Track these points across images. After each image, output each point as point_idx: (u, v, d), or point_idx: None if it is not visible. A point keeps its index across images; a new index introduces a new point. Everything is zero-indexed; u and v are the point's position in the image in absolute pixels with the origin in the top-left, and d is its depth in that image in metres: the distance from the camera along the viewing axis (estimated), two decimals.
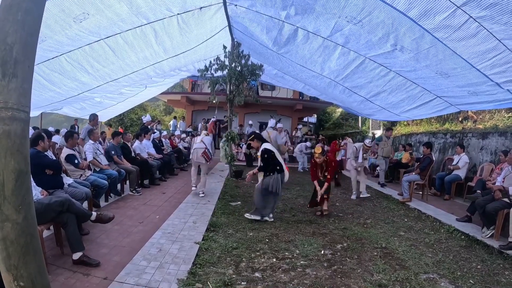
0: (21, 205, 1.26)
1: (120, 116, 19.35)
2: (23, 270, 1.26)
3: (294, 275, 3.47)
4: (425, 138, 10.55)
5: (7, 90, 1.27)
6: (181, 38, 6.37)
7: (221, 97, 9.85)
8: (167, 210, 5.59)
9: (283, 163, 5.44)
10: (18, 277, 1.25)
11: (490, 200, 4.96)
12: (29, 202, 1.32)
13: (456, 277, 3.60)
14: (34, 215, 1.35)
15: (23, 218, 1.26)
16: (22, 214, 1.26)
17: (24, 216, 1.27)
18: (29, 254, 1.28)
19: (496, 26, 3.34)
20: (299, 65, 7.18)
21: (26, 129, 1.36)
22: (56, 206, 3.30)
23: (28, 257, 1.28)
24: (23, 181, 1.30)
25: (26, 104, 1.33)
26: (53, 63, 5.40)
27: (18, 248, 1.24)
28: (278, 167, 5.29)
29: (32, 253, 1.30)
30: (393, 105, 7.57)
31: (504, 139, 7.32)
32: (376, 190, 8.65)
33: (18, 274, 1.25)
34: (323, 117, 25.15)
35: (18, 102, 1.29)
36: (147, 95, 11.18)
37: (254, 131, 7.27)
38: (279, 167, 5.29)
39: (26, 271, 1.27)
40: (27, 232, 1.28)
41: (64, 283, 2.91)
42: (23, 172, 1.31)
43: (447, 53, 4.23)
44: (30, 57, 1.36)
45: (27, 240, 1.28)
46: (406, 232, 5.20)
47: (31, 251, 1.29)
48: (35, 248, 1.32)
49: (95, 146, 6.09)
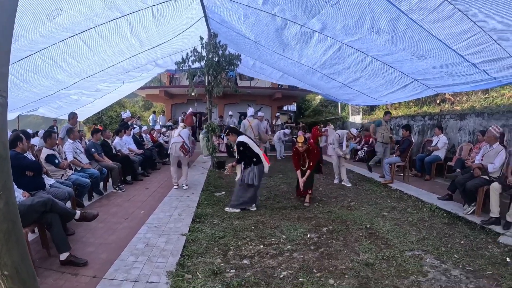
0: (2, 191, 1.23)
1: (98, 114, 18.98)
2: (6, 258, 1.23)
3: (282, 260, 3.52)
4: (404, 121, 10.79)
5: None
6: (157, 30, 6.25)
7: (200, 89, 9.77)
8: (151, 205, 5.55)
9: (261, 154, 5.45)
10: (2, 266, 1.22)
11: (470, 178, 5.13)
12: (10, 187, 1.29)
13: (440, 252, 3.72)
14: (15, 202, 1.32)
15: (4, 204, 1.23)
16: (3, 200, 1.23)
17: (5, 202, 1.23)
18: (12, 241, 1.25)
19: (471, 9, 3.41)
20: (276, 53, 7.17)
21: (5, 114, 1.33)
22: (39, 206, 3.23)
23: (10, 244, 1.25)
24: (3, 167, 1.26)
25: (3, 89, 1.29)
26: (27, 63, 5.22)
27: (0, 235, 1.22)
28: (254, 159, 5.31)
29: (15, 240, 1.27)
30: (371, 90, 7.66)
31: (481, 120, 7.55)
32: (358, 174, 8.82)
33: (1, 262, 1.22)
34: (302, 105, 25.29)
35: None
36: (125, 91, 10.97)
37: (229, 125, 7.29)
38: (255, 159, 5.31)
39: (10, 259, 1.24)
40: (9, 218, 1.25)
41: (53, 285, 2.87)
42: (2, 157, 1.27)
43: (423, 35, 4.28)
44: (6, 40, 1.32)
45: (9, 226, 1.25)
46: (390, 212, 5.33)
47: (13, 237, 1.26)
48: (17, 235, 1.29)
49: (74, 145, 5.95)
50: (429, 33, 4.18)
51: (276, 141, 12.75)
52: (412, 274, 3.20)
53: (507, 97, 7.65)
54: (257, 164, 5.30)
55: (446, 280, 3.09)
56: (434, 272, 3.25)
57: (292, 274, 3.19)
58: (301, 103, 25.13)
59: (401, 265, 3.38)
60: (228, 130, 5.73)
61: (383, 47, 5.19)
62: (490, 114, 7.32)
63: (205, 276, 3.10)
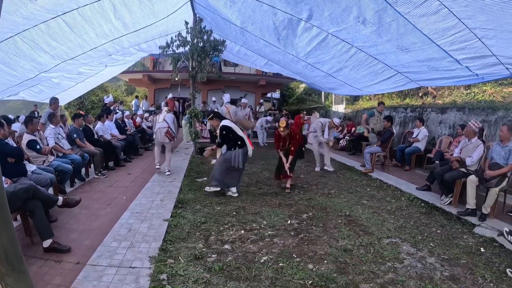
0: None
1: (80, 99, 18.52)
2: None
3: (263, 245, 3.61)
4: (386, 112, 10.93)
5: None
6: (141, 12, 6.12)
7: (184, 74, 9.65)
8: (134, 190, 5.54)
9: (246, 137, 5.50)
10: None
11: (448, 170, 5.30)
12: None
13: (417, 241, 3.86)
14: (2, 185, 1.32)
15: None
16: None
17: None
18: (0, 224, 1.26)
19: (457, 7, 3.46)
20: (263, 40, 7.13)
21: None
22: (21, 193, 3.20)
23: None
24: None
25: None
26: (7, 45, 5.06)
27: None
28: (239, 142, 5.36)
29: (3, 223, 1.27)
30: (355, 81, 7.71)
31: (462, 114, 7.77)
32: (340, 162, 8.97)
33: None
34: (286, 93, 25.32)
35: None
36: (108, 75, 10.71)
37: (212, 110, 7.28)
38: (240, 142, 5.36)
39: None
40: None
41: (38, 272, 2.87)
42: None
43: (408, 28, 4.32)
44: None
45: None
46: (369, 200, 5.48)
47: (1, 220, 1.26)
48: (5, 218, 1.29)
49: (56, 131, 5.84)
50: (414, 26, 4.22)
51: (258, 128, 12.79)
52: (389, 261, 3.33)
53: (488, 93, 7.85)
54: (241, 147, 5.35)
55: (421, 267, 3.23)
56: (410, 259, 3.39)
57: (273, 259, 3.28)
58: (285, 91, 25.16)
59: (379, 252, 3.51)
60: (212, 114, 5.73)
61: (368, 38, 5.23)
62: (471, 109, 7.52)
63: (187, 261, 3.15)
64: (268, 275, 2.95)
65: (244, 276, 2.92)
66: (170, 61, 8.84)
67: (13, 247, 1.32)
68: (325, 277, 2.92)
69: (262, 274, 2.97)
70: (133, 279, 2.80)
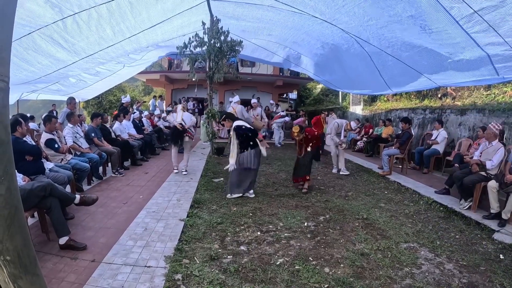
0: (3, 176, 1.22)
1: (98, 98, 18.86)
2: (8, 243, 1.22)
3: (279, 247, 3.56)
4: (404, 113, 10.76)
5: None
6: (156, 8, 6.12)
7: (201, 74, 9.69)
8: (150, 190, 5.57)
9: (260, 137, 5.49)
10: (4, 251, 1.22)
11: (468, 173, 5.13)
12: (12, 173, 1.28)
13: (435, 246, 3.75)
14: (17, 187, 1.31)
15: (6, 189, 1.22)
16: (4, 185, 1.21)
17: (7, 187, 1.22)
18: (14, 226, 1.25)
19: None
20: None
21: (6, 99, 1.32)
22: (39, 191, 3.24)
23: (13, 230, 1.24)
24: (4, 151, 1.26)
25: (5, 73, 1.27)
26: (25, 41, 5.17)
27: (2, 220, 1.21)
28: (251, 142, 5.32)
29: (17, 225, 1.26)
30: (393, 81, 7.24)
31: (482, 116, 7.52)
32: (357, 164, 8.84)
33: (3, 248, 1.21)
34: (303, 93, 25.19)
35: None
36: (126, 75, 10.88)
37: (225, 111, 7.23)
38: (252, 142, 5.33)
39: (12, 244, 1.23)
40: (11, 204, 1.24)
41: (53, 269, 2.90)
42: (4, 142, 1.26)
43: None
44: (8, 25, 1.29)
45: (11, 212, 1.24)
46: (386, 203, 5.37)
47: (16, 223, 1.25)
48: (19, 220, 1.28)
49: (74, 130, 5.94)
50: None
51: (275, 128, 12.73)
52: (406, 266, 3.24)
53: (509, 95, 7.59)
54: (254, 148, 5.32)
55: (439, 273, 3.14)
56: (428, 265, 3.29)
57: (289, 262, 3.23)
58: (302, 91, 25.04)
59: (396, 257, 3.42)
60: (224, 116, 5.72)
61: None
62: (491, 111, 7.28)
63: (203, 261, 3.14)
64: (283, 278, 2.90)
65: (259, 278, 2.88)
66: (187, 62, 8.88)
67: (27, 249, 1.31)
68: (342, 281, 2.86)
69: (277, 277, 2.93)
70: (148, 278, 2.79)
